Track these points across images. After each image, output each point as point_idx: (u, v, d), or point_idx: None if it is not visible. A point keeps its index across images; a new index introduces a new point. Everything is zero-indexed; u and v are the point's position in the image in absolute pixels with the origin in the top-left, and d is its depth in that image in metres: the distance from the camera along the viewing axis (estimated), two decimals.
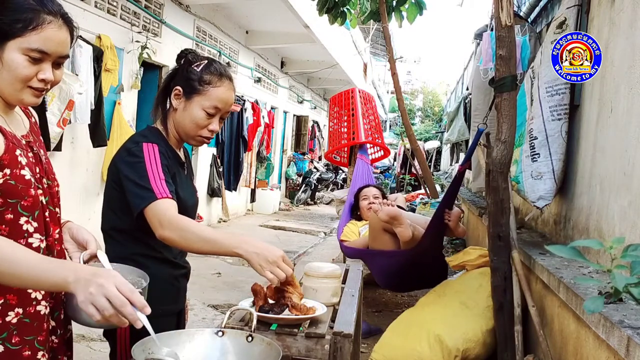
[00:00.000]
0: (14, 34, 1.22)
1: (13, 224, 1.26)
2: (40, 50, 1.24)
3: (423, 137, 21.01)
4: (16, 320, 1.26)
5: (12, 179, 1.24)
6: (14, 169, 1.25)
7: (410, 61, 34.63)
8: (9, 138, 1.26)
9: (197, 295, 4.81)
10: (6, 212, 1.24)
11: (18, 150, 1.27)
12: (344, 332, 1.77)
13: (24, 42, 1.23)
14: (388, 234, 3.79)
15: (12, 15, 1.23)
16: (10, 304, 1.25)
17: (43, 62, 1.26)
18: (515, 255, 2.75)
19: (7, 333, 1.24)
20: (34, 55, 1.24)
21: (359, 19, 6.77)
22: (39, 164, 1.35)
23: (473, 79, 5.65)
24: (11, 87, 1.26)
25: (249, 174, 9.76)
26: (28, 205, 1.27)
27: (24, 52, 1.23)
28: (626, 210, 2.20)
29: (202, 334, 1.50)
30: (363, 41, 18.34)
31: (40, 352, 1.29)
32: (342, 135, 5.82)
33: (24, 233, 1.27)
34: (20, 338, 1.26)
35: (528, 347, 2.78)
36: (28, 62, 1.24)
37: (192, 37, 7.46)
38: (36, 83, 1.27)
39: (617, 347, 1.64)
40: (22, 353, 1.26)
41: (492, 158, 2.74)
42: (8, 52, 1.23)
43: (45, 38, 1.24)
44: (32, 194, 1.27)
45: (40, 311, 1.30)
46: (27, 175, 1.27)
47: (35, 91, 1.28)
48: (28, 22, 1.23)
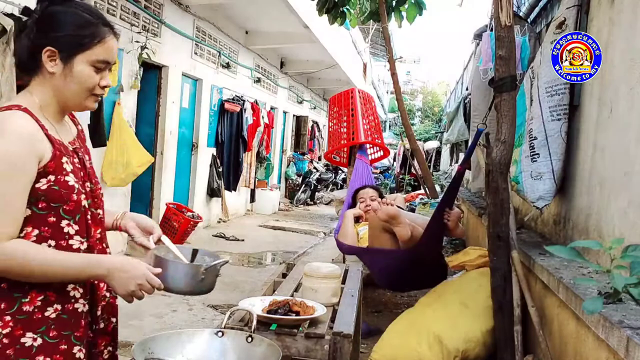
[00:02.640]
0: (82, 48, 1.36)
1: (55, 226, 1.35)
2: (105, 61, 1.39)
3: (422, 138, 21.00)
4: (55, 316, 1.35)
5: (56, 184, 1.34)
6: (59, 176, 1.35)
7: (409, 61, 34.58)
8: (56, 146, 1.36)
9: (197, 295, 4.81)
10: (49, 215, 1.34)
11: (64, 158, 1.38)
12: (343, 333, 1.78)
13: (91, 54, 1.36)
14: (388, 234, 3.79)
15: (78, 31, 1.36)
16: (50, 300, 1.35)
17: (103, 70, 1.40)
18: (514, 256, 2.76)
19: (46, 327, 1.34)
20: (100, 66, 1.38)
21: (358, 19, 6.78)
22: (83, 169, 1.46)
23: (473, 79, 5.65)
24: (78, 97, 1.40)
25: (249, 174, 9.76)
26: (70, 210, 1.37)
27: (91, 64, 1.37)
28: (626, 210, 2.20)
29: (202, 334, 1.50)
30: (363, 41, 18.35)
31: (77, 347, 1.38)
32: (342, 136, 5.81)
33: (64, 235, 1.37)
34: (57, 332, 1.35)
35: (528, 347, 2.78)
36: (94, 72, 1.38)
37: (192, 37, 7.46)
38: (98, 90, 1.41)
39: (617, 347, 1.64)
40: (59, 347, 1.35)
41: (492, 158, 2.74)
42: (77, 65, 1.36)
43: (107, 49, 1.39)
44: (74, 199, 1.37)
45: (78, 309, 1.39)
46: (71, 182, 1.37)
47: (96, 97, 1.42)
48: (93, 36, 1.37)
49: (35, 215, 1.33)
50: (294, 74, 13.15)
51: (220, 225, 8.82)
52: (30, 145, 1.30)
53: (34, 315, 1.33)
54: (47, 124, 1.38)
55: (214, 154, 8.59)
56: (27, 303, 1.32)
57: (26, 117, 1.33)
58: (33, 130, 1.32)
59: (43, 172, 1.33)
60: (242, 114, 8.92)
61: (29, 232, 1.33)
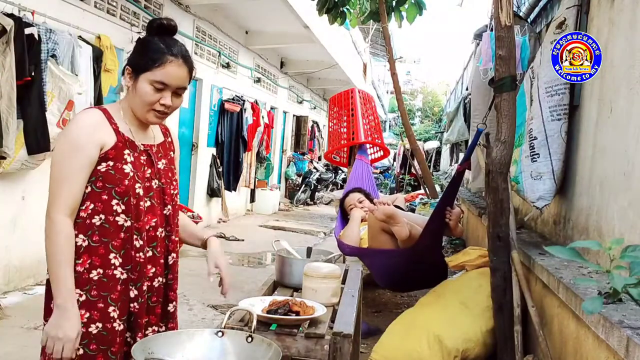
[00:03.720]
0: (146, 69, 1.64)
1: (106, 203, 1.63)
2: (162, 82, 1.64)
3: (422, 138, 20.99)
4: (97, 278, 1.62)
5: (113, 169, 1.63)
6: (117, 163, 1.64)
7: (409, 61, 34.60)
8: (120, 139, 1.66)
9: (197, 295, 4.81)
10: (103, 193, 1.63)
11: (127, 150, 1.66)
12: (343, 333, 1.78)
13: (151, 75, 1.64)
14: (387, 234, 3.79)
15: (146, 54, 1.66)
16: (95, 264, 1.62)
17: (164, 91, 1.66)
18: (514, 256, 2.75)
19: (89, 286, 1.61)
20: (157, 86, 1.64)
21: (358, 19, 6.78)
22: (151, 167, 1.74)
23: (473, 79, 5.65)
24: (140, 109, 1.68)
25: (249, 174, 9.76)
26: (120, 192, 1.63)
27: (150, 83, 1.64)
28: (626, 210, 2.20)
29: (202, 334, 1.50)
30: (363, 41, 18.35)
31: (112, 307, 1.63)
32: (342, 136, 5.81)
33: (113, 211, 1.63)
34: (97, 292, 1.62)
35: (528, 347, 2.78)
36: (153, 90, 1.65)
37: (192, 37, 7.46)
38: (158, 107, 1.67)
39: (617, 347, 1.64)
40: (97, 304, 1.61)
41: (492, 158, 2.74)
42: (140, 82, 1.65)
43: (166, 73, 1.64)
44: (125, 184, 1.64)
45: (116, 275, 1.64)
46: (127, 169, 1.65)
47: (158, 113, 1.69)
48: (155, 61, 1.64)
49: (94, 192, 1.62)
50: (294, 74, 13.15)
51: (220, 225, 8.82)
52: (92, 133, 1.61)
53: (83, 275, 1.60)
54: (123, 124, 1.69)
55: (214, 154, 8.59)
56: (80, 264, 1.60)
57: (96, 113, 1.66)
58: (97, 122, 1.63)
59: (104, 157, 1.62)
60: (242, 114, 8.91)
61: (87, 205, 1.62)
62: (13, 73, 3.91)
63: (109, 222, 1.63)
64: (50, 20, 4.48)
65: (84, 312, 1.60)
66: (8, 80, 3.90)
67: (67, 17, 4.74)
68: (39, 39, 4.14)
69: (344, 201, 4.67)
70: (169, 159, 1.85)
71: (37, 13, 4.36)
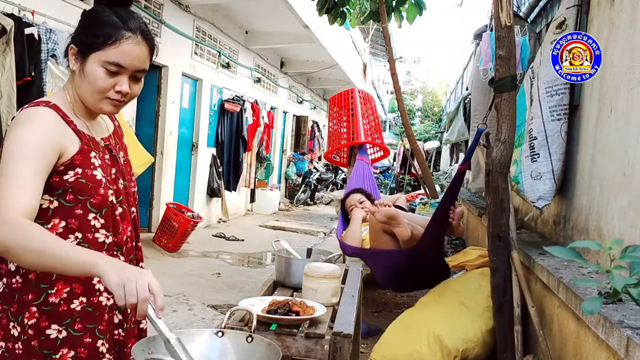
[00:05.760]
0: (96, 48, 1.33)
1: (82, 219, 1.36)
2: (117, 64, 1.34)
3: (422, 138, 21.00)
4: (80, 309, 1.35)
5: (83, 177, 1.35)
6: (86, 169, 1.36)
7: (409, 61, 34.62)
8: (85, 141, 1.38)
9: (197, 295, 4.81)
10: (76, 207, 1.35)
11: (93, 153, 1.39)
12: (343, 333, 1.78)
13: (103, 55, 1.33)
14: (388, 235, 3.79)
15: (95, 30, 1.34)
16: (76, 292, 1.35)
17: (120, 75, 1.36)
18: (514, 256, 2.75)
19: (71, 319, 1.34)
20: (111, 69, 1.34)
21: (358, 19, 6.77)
22: (116, 165, 1.47)
23: (472, 79, 5.65)
24: (91, 97, 1.38)
25: (249, 174, 9.75)
26: (96, 203, 1.37)
27: (102, 65, 1.34)
28: (626, 210, 2.20)
29: (202, 334, 1.50)
30: (363, 41, 18.34)
31: (100, 340, 1.38)
32: (342, 136, 5.81)
33: (91, 228, 1.37)
34: (82, 325, 1.36)
35: (528, 347, 2.78)
36: (105, 74, 1.34)
37: (192, 37, 7.46)
38: (113, 94, 1.37)
39: (617, 347, 1.64)
40: (83, 340, 1.35)
41: (492, 158, 2.74)
42: (89, 64, 1.34)
43: (122, 52, 1.34)
44: (101, 193, 1.38)
45: (102, 302, 1.39)
46: (98, 176, 1.38)
47: (113, 101, 1.39)
48: (107, 37, 1.33)
49: (63, 207, 1.34)
50: (294, 74, 13.14)
51: (220, 225, 8.82)
52: (50, 138, 1.31)
53: (60, 307, 1.33)
54: (77, 120, 1.40)
55: (214, 154, 8.59)
56: (54, 294, 1.33)
57: (50, 112, 1.34)
58: (55, 124, 1.33)
59: (70, 164, 1.34)
60: (242, 114, 8.91)
61: (57, 223, 1.34)
62: (13, 73, 3.91)
63: (87, 241, 1.36)
64: (50, 20, 4.48)
65: (66, 351, 1.32)
66: (8, 80, 3.90)
67: (67, 17, 4.74)
68: (39, 39, 4.14)
69: (345, 202, 4.68)
70: (124, 149, 1.57)
71: (37, 13, 4.36)
